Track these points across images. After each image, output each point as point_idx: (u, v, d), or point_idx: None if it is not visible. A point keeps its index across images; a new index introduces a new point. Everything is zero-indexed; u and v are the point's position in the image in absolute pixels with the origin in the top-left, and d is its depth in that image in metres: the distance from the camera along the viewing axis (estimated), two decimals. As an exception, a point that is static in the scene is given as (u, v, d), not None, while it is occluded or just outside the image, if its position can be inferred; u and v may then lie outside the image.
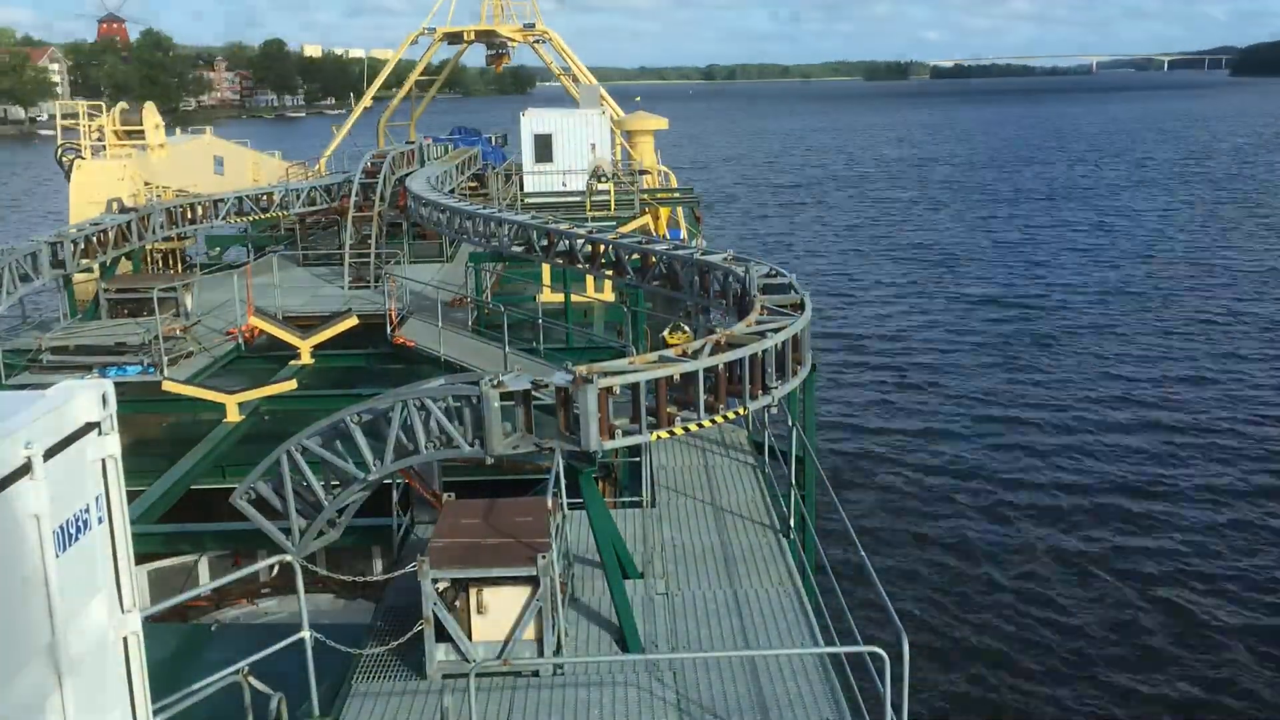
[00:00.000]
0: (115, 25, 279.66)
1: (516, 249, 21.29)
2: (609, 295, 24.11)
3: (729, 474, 15.36)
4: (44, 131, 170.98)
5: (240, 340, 22.01)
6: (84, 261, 22.67)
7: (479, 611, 10.22)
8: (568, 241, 19.79)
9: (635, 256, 18.15)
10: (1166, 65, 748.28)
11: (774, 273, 14.90)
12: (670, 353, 11.09)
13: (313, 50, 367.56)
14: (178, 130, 37.15)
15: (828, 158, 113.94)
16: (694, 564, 12.60)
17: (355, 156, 35.15)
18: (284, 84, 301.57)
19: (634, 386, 10.41)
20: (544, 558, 10.08)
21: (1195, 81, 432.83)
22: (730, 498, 14.51)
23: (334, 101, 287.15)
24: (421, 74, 52.93)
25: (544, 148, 38.80)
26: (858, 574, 21.59)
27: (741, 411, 11.53)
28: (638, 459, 14.92)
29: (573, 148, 38.71)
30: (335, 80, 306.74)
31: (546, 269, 23.40)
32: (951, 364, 40.13)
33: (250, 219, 30.40)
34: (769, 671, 10.24)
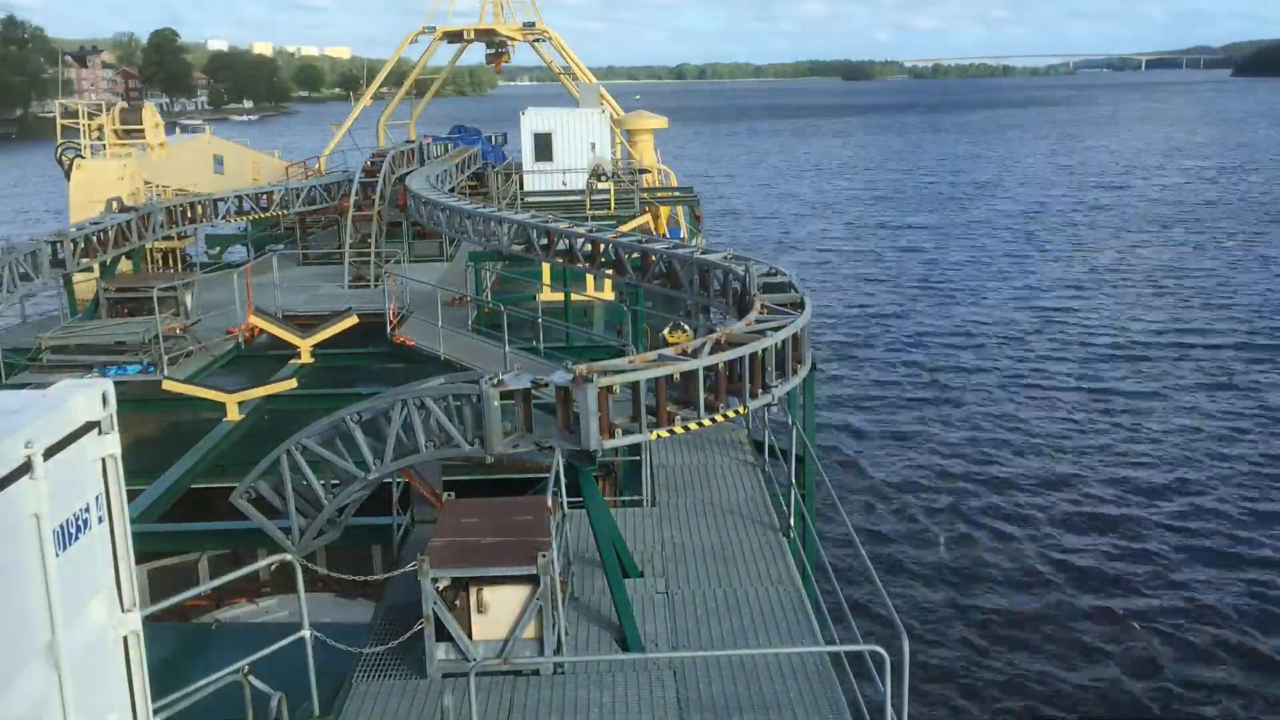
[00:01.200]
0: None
1: (516, 248, 21.27)
2: (609, 294, 24.10)
3: (729, 473, 15.36)
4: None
5: (240, 339, 22.00)
6: (84, 261, 22.65)
7: (479, 610, 10.22)
8: (567, 240, 19.78)
9: (635, 255, 18.14)
10: (1144, 64, 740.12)
11: (774, 271, 14.89)
12: (670, 352, 11.08)
13: (218, 45, 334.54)
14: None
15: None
16: (694, 563, 12.60)
17: (355, 156, 35.18)
18: (177, 83, 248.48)
19: (634, 385, 10.40)
20: (544, 557, 10.08)
21: (1202, 80, 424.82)
22: (730, 497, 14.51)
23: (251, 105, 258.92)
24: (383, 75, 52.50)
25: (544, 146, 38.79)
26: (858, 573, 21.69)
27: (741, 410, 11.52)
28: (638, 458, 14.92)
29: (572, 146, 38.69)
30: (249, 80, 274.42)
31: (546, 268, 23.41)
32: (952, 362, 40.14)
33: (250, 218, 30.39)
34: (769, 670, 10.24)
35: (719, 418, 11.17)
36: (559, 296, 23.09)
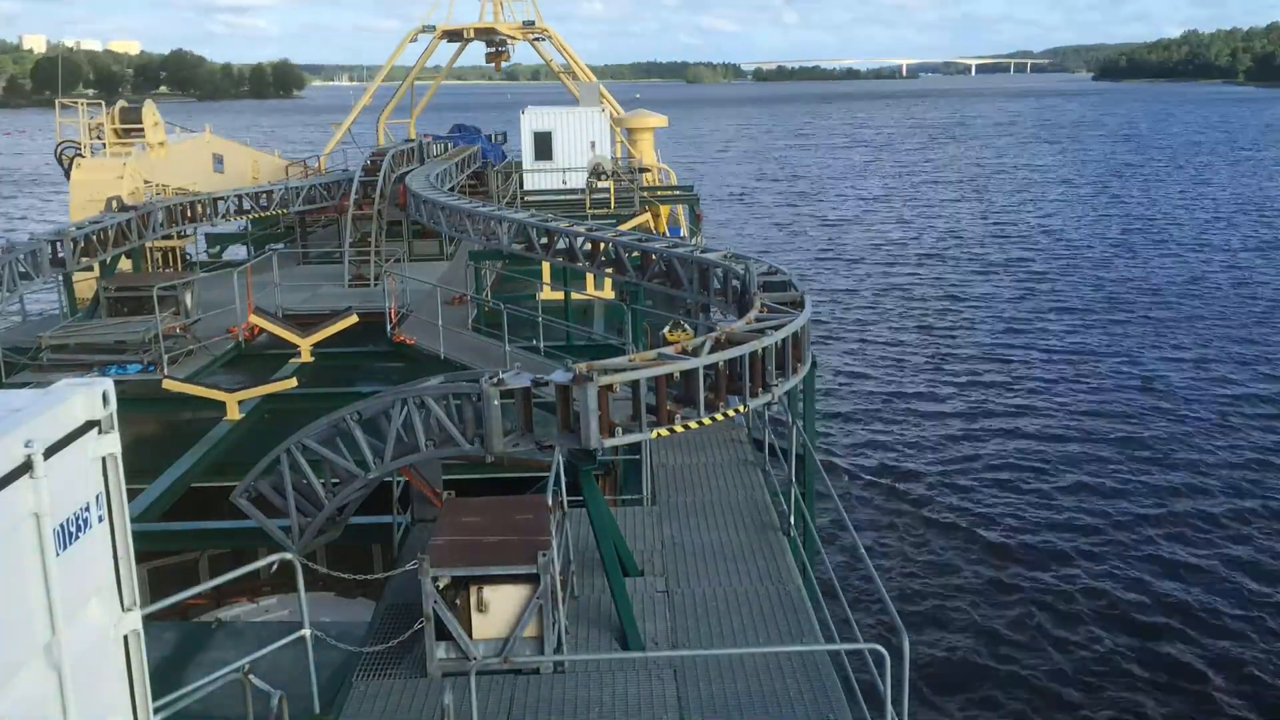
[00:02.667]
0: None
1: (516, 247, 21.27)
2: (609, 293, 24.09)
3: (729, 472, 15.36)
4: None
5: (240, 338, 21.99)
6: (84, 260, 22.64)
7: (479, 609, 10.22)
8: (567, 239, 19.78)
9: (635, 254, 18.14)
10: (974, 69, 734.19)
11: (773, 270, 14.89)
12: (670, 350, 11.07)
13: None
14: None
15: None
16: (694, 561, 12.60)
17: (355, 155, 35.16)
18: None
19: (634, 384, 10.39)
20: (544, 555, 10.08)
21: (1062, 88, 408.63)
22: (730, 495, 14.51)
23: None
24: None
25: (544, 145, 38.79)
26: (858, 572, 21.69)
27: (741, 409, 11.51)
28: (638, 457, 14.92)
29: (572, 145, 38.68)
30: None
31: (546, 267, 23.39)
32: (952, 361, 40.13)
33: (250, 217, 30.36)
34: (769, 669, 10.24)
35: (719, 416, 11.16)
36: (559, 295, 23.08)
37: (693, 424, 10.91)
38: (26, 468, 5.00)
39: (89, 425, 5.53)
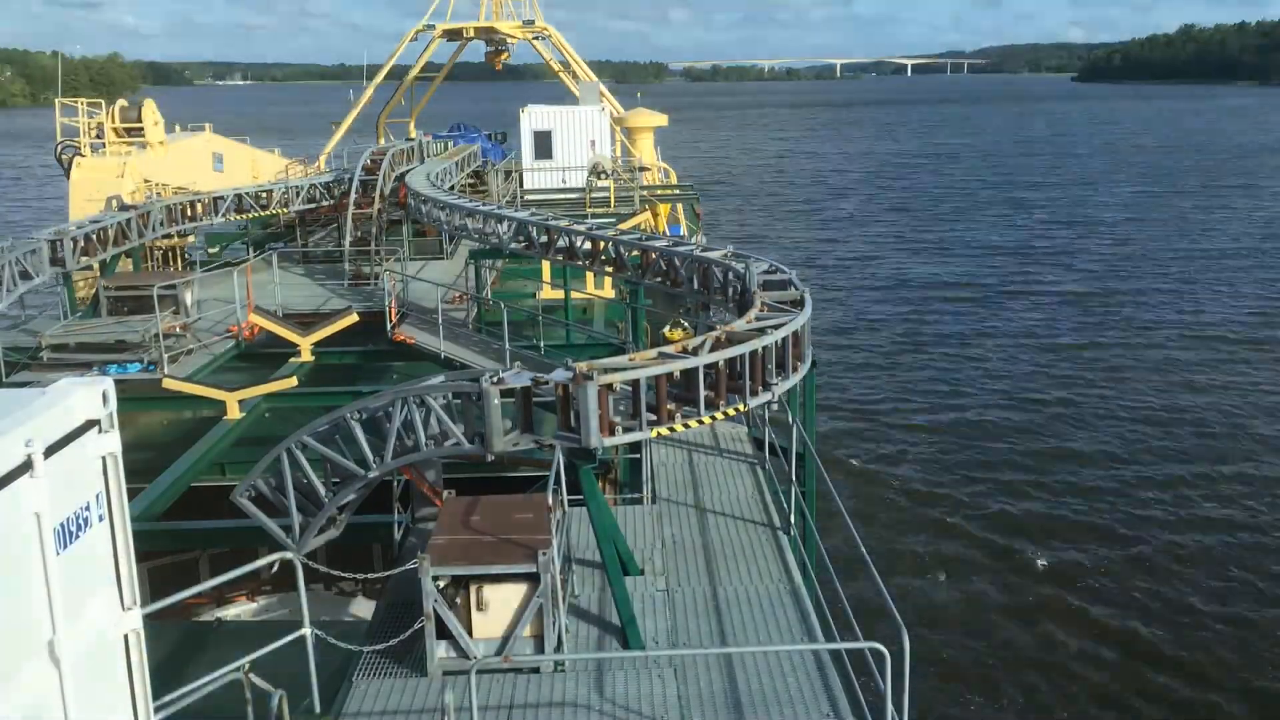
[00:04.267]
0: None
1: (516, 246, 21.27)
2: (609, 292, 24.10)
3: (729, 470, 15.36)
4: None
5: (240, 338, 21.99)
6: (84, 259, 22.63)
7: (479, 608, 10.22)
8: (567, 238, 19.77)
9: (635, 253, 18.13)
10: (910, 69, 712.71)
11: (774, 269, 14.88)
12: (670, 349, 11.07)
13: None
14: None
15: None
16: (694, 560, 12.60)
17: (354, 154, 35.13)
18: None
19: (634, 383, 10.39)
20: (544, 554, 10.08)
21: (1057, 90, 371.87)
22: (730, 494, 14.51)
23: None
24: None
25: (544, 144, 38.80)
26: (858, 570, 21.62)
27: (741, 408, 11.51)
28: (638, 455, 14.92)
29: (572, 144, 38.69)
30: None
31: (546, 266, 23.39)
32: (953, 359, 40.13)
33: (250, 216, 30.35)
34: (769, 668, 10.24)
35: (719, 415, 11.17)
36: (559, 294, 23.07)
37: (693, 423, 10.91)
38: (27, 467, 5.00)
39: (89, 424, 5.53)
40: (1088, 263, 58.27)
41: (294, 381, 19.06)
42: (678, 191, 41.94)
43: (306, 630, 9.80)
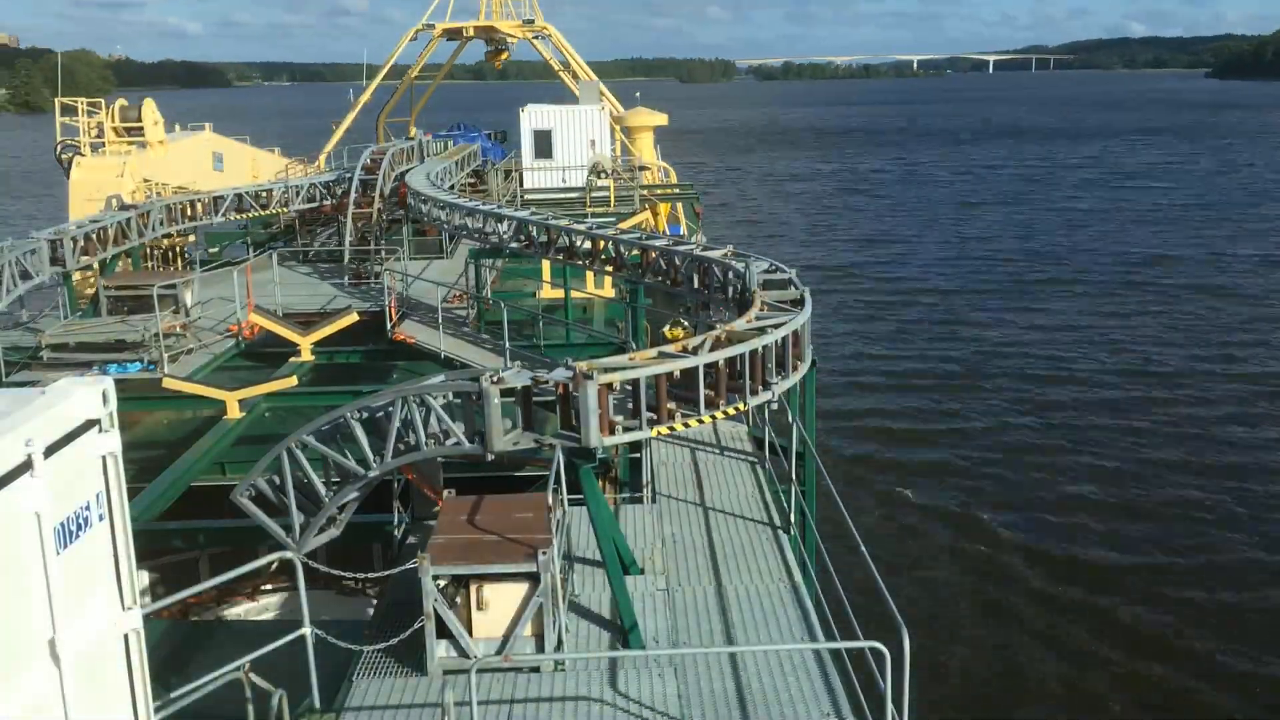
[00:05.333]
0: None
1: (516, 245, 21.27)
2: (609, 291, 24.08)
3: (729, 470, 15.36)
4: None
5: (240, 337, 21.99)
6: (83, 259, 22.63)
7: (479, 608, 10.22)
8: (567, 237, 19.76)
9: (635, 252, 18.12)
10: (991, 65, 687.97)
11: (774, 268, 14.87)
12: (670, 349, 11.06)
13: None
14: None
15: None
16: (694, 560, 12.60)
17: (354, 153, 35.10)
18: None
19: (634, 382, 10.38)
20: (544, 554, 10.08)
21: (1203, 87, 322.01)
22: (730, 493, 14.51)
23: None
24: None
25: (544, 144, 38.76)
26: (858, 569, 21.62)
27: (741, 407, 11.50)
28: (638, 455, 14.92)
29: (572, 144, 38.66)
30: None
31: (546, 265, 23.38)
32: (953, 358, 40.12)
33: (250, 215, 30.34)
34: (770, 667, 10.24)
35: (719, 414, 11.16)
36: (559, 294, 23.06)
37: (692, 422, 10.91)
38: (27, 466, 5.01)
39: (89, 424, 5.54)
40: (1085, 252, 58.26)
41: (294, 381, 19.06)
42: (677, 191, 41.92)
43: (307, 630, 9.81)
